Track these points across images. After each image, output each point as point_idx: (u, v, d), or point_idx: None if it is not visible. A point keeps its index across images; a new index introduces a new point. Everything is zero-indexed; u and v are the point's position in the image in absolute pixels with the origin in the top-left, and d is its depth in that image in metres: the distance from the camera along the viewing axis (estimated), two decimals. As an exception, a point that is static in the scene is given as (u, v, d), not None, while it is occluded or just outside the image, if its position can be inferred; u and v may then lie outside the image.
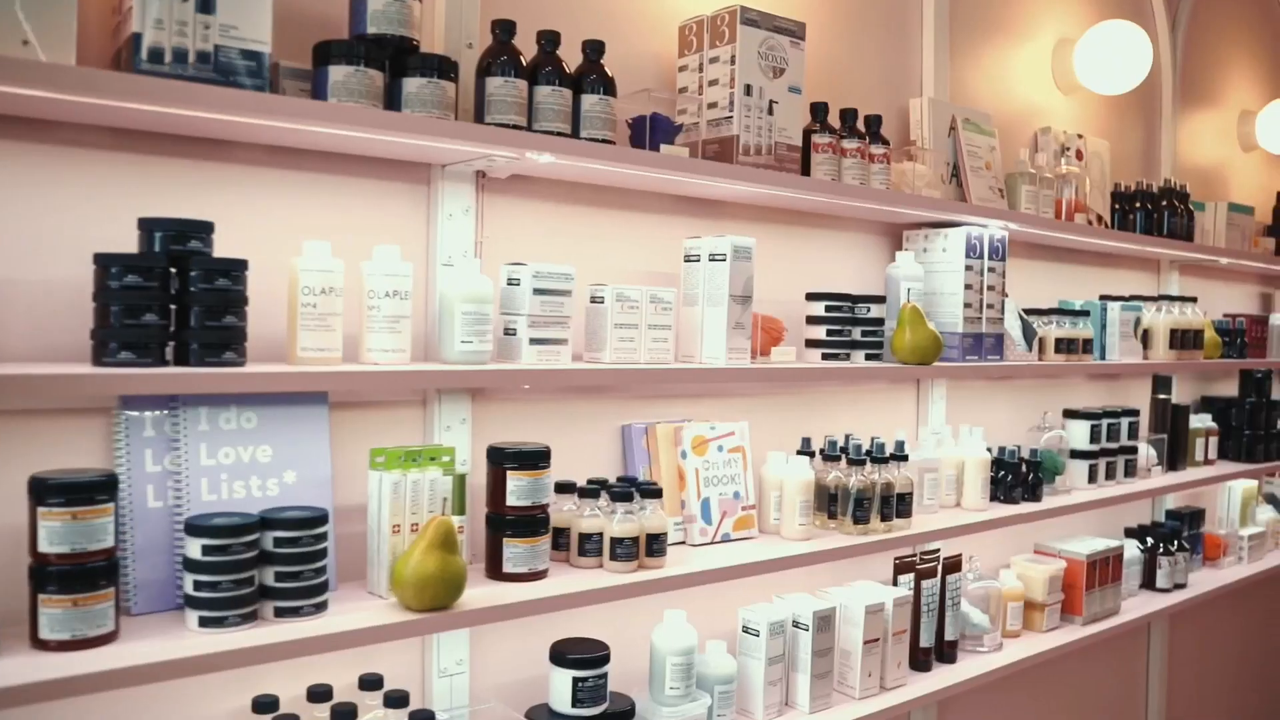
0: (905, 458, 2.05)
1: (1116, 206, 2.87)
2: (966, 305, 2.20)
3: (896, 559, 2.19)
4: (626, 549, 1.63)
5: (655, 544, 1.67)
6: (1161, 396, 2.97)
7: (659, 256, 1.91)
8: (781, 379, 2.03)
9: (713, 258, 1.79)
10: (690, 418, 1.96)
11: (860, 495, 1.96)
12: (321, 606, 1.38)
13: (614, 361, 1.68)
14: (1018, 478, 2.37)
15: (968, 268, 2.20)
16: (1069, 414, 2.63)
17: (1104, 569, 2.59)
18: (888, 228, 2.33)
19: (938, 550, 2.31)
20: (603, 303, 1.69)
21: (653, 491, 1.69)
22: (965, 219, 2.22)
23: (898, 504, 2.03)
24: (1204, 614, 3.49)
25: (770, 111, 1.81)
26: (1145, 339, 2.82)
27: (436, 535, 1.41)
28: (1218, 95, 3.58)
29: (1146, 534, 2.94)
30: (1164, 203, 2.83)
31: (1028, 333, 2.43)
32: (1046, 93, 2.83)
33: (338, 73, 1.38)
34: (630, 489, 1.67)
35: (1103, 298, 2.87)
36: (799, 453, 2.05)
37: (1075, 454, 2.61)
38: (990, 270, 2.25)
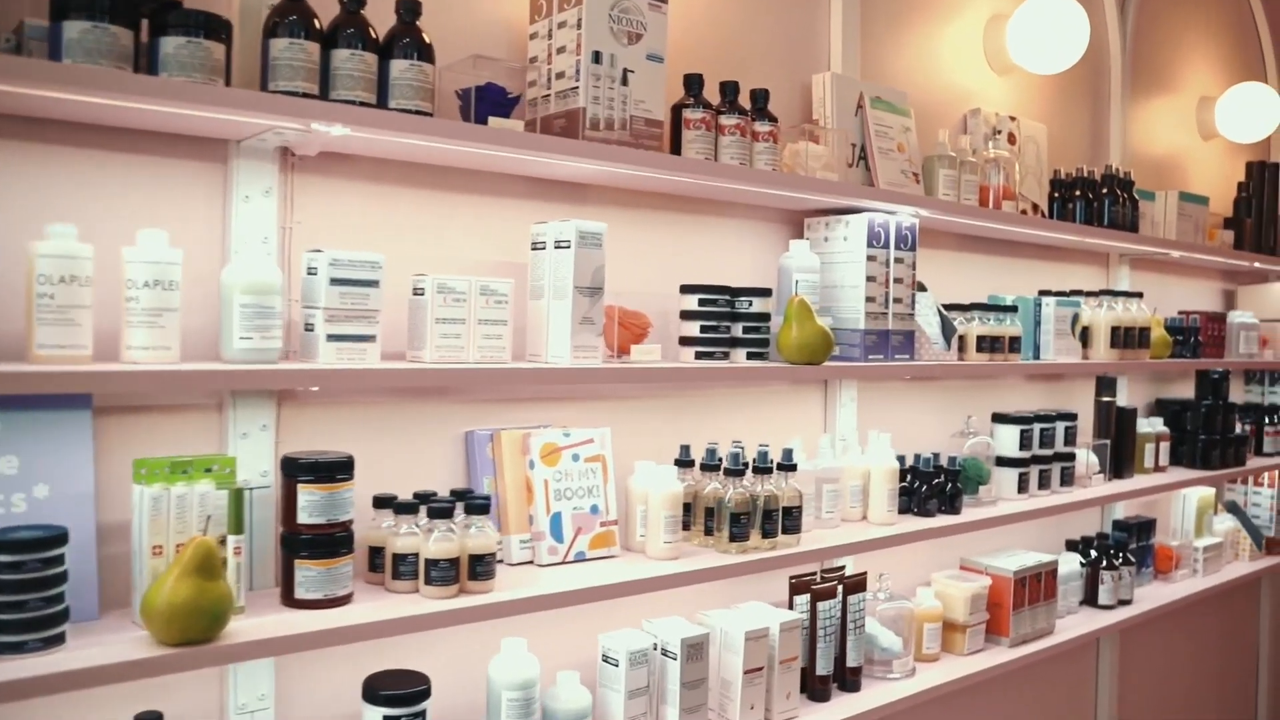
0: (793, 467, 1.87)
1: (1056, 195, 2.70)
2: (869, 299, 2.02)
3: (792, 578, 2.01)
4: (443, 571, 1.46)
5: (480, 565, 1.49)
6: (1105, 399, 2.79)
7: (516, 246, 1.74)
8: (644, 380, 1.84)
9: (558, 245, 1.62)
10: (548, 423, 1.78)
11: (738, 510, 1.78)
12: (55, 641, 1.21)
13: (437, 361, 1.50)
14: (933, 488, 2.19)
15: (870, 258, 2.02)
16: (998, 418, 2.45)
17: (1035, 586, 2.41)
18: (788, 215, 2.16)
19: (842, 568, 2.14)
20: (423, 295, 1.51)
21: (479, 506, 1.51)
22: (869, 204, 2.04)
23: (784, 519, 1.85)
24: (1158, 630, 3.31)
25: (624, 81, 1.64)
26: (1085, 337, 2.64)
27: (193, 559, 1.23)
28: (1174, 80, 3.40)
29: (1090, 546, 2.76)
30: (1105, 191, 2.65)
31: (947, 330, 2.26)
32: (979, 73, 2.66)
33: (73, 29, 1.21)
34: (450, 504, 1.49)
35: (1042, 293, 2.69)
36: (677, 462, 1.87)
37: (1003, 462, 2.43)
38: (898, 261, 2.07)
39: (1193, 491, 3.15)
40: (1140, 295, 2.77)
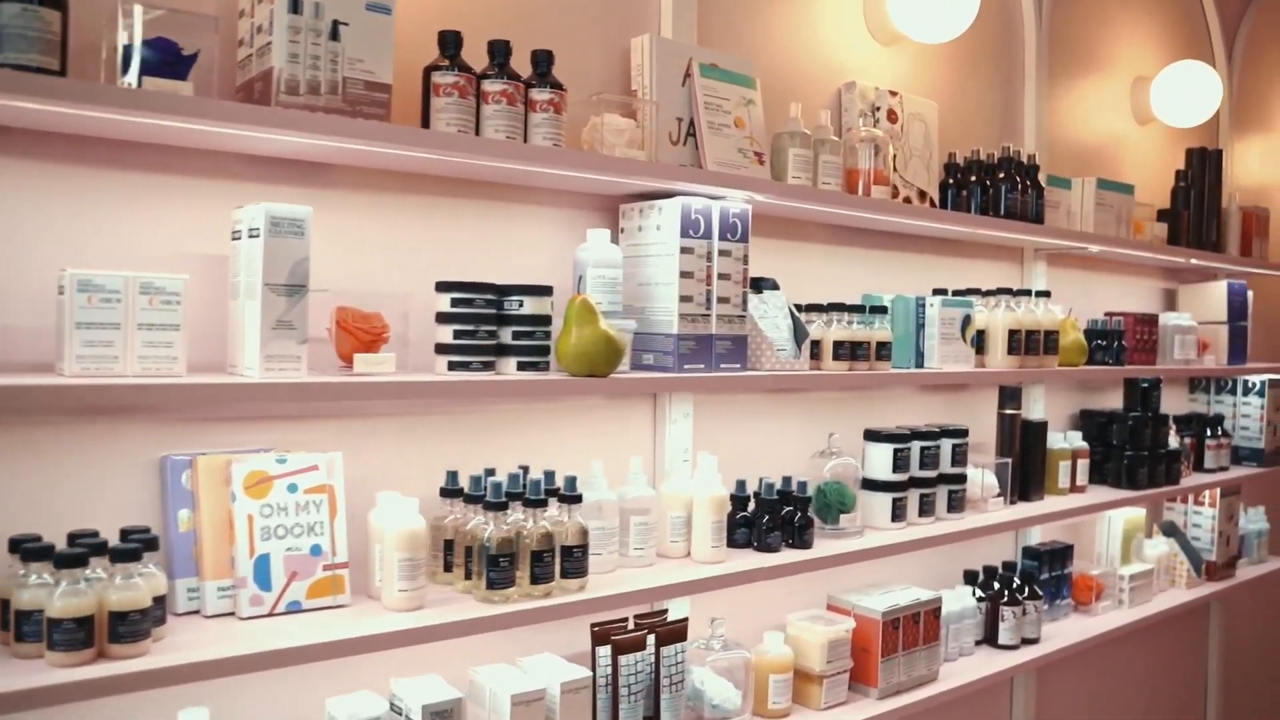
0: (576, 498, 1.61)
1: (950, 181, 2.44)
2: (685, 298, 1.76)
3: (594, 627, 1.75)
4: (68, 634, 1.19)
5: (124, 624, 1.22)
6: (1008, 411, 2.53)
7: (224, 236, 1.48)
8: (368, 396, 1.51)
9: (251, 234, 1.36)
10: (272, 446, 1.52)
11: (498, 551, 1.51)
12: None
13: (78, 375, 1.24)
14: (777, 519, 1.93)
15: (686, 250, 1.76)
16: (869, 436, 2.19)
17: (910, 627, 2.15)
18: (601, 201, 1.90)
19: (664, 613, 1.87)
20: (63, 294, 1.25)
21: (126, 553, 1.25)
22: (689, 188, 1.78)
23: (563, 559, 1.58)
24: (1085, 667, 3.04)
25: (335, 36, 1.38)
26: (980, 342, 2.38)
27: None
28: (1104, 57, 3.14)
29: (992, 578, 2.50)
30: (1001, 176, 2.39)
31: (799, 334, 2.00)
32: (860, 43, 2.39)
33: None
34: (83, 551, 1.23)
35: (936, 291, 2.43)
36: (443, 492, 1.61)
37: (874, 485, 2.17)
38: (724, 254, 1.81)
39: (1118, 513, 2.88)
40: (1048, 294, 2.51)
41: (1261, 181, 3.94)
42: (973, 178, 2.41)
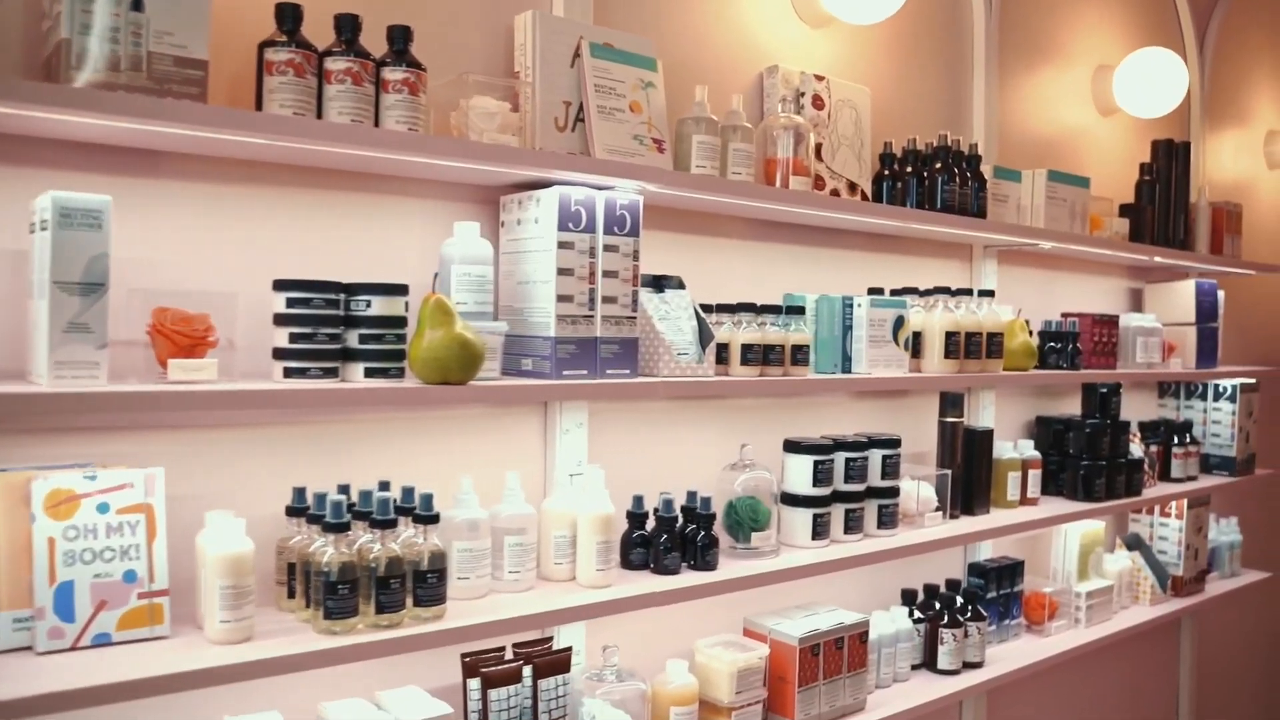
0: (433, 518, 1.48)
1: (887, 173, 2.31)
2: (564, 298, 1.63)
3: (465, 657, 1.62)
4: None
5: (-128, 671, 1.10)
6: (950, 419, 2.39)
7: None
8: (175, 407, 1.32)
9: (42, 226, 1.23)
10: (90, 460, 1.39)
11: (340, 577, 1.38)
12: None
13: None
14: (675, 538, 1.80)
15: (564, 245, 1.63)
16: (789, 446, 2.06)
17: (833, 654, 2.02)
18: (481, 193, 1.77)
19: (548, 640, 1.74)
20: None
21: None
22: (569, 176, 1.65)
23: (417, 585, 1.46)
24: (1041, 690, 2.91)
25: (137, 6, 1.25)
26: (916, 344, 2.25)
27: None
28: (1063, 45, 3.01)
29: (933, 598, 2.37)
30: (938, 166, 2.26)
31: (705, 337, 1.87)
32: (786, 24, 2.26)
33: None
34: None
35: (871, 291, 2.30)
36: (289, 511, 1.49)
37: (793, 500, 2.04)
38: (610, 249, 1.68)
39: (1075, 527, 2.75)
40: (991, 294, 2.38)
41: (1236, 177, 3.82)
42: (909, 169, 2.28)
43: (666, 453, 2.03)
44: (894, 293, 2.32)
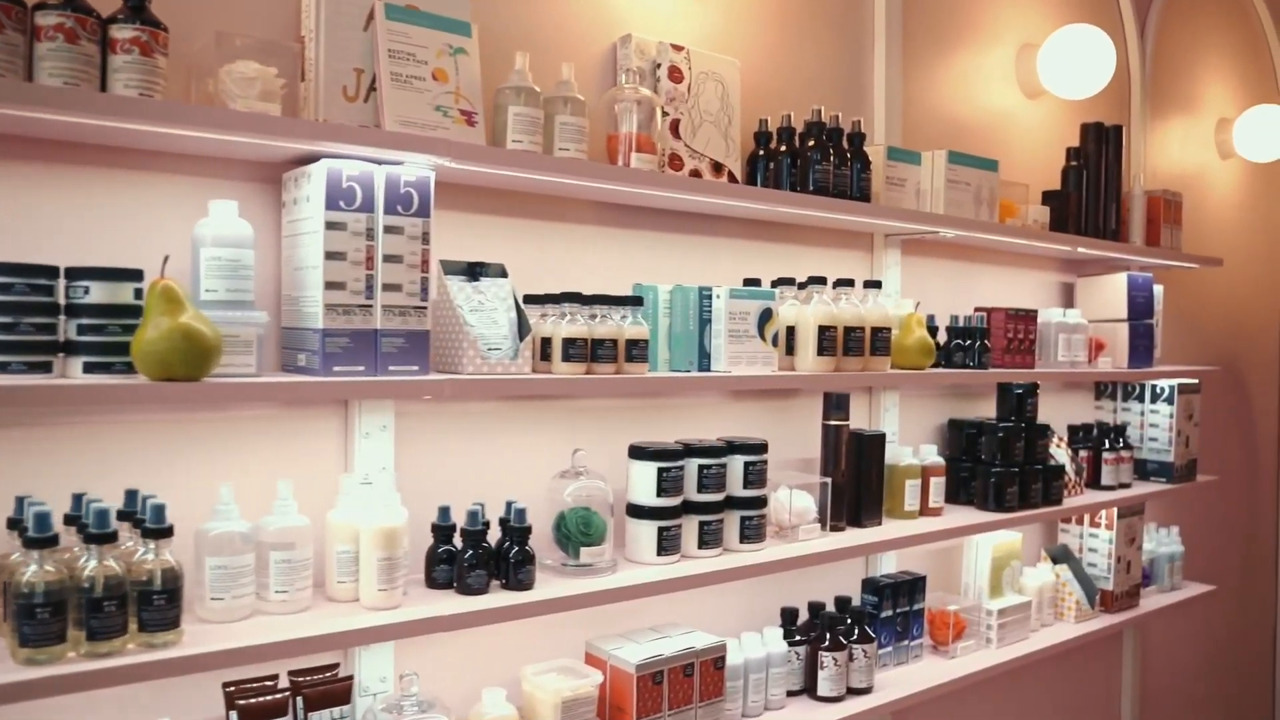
0: (164, 532, 1.32)
1: (762, 152, 2.15)
2: (334, 285, 1.47)
3: (228, 686, 1.46)
4: None
5: None
6: (834, 422, 2.23)
7: None
8: None
9: None
10: None
11: (44, 599, 1.22)
12: None
13: None
14: (481, 554, 1.64)
15: (334, 226, 1.47)
16: (634, 452, 1.90)
17: (680, 682, 1.85)
18: (262, 170, 1.60)
19: (333, 668, 1.58)
20: None
21: None
22: (351, 150, 1.49)
23: (142, 607, 1.30)
24: (956, 713, 2.74)
25: None
26: (789, 340, 2.09)
27: None
28: (984, 21, 2.85)
29: (816, 618, 2.20)
30: (812, 144, 2.10)
31: (524, 331, 1.71)
32: (650, -6, 2.11)
33: None
34: None
35: (747, 282, 2.15)
36: (9, 524, 1.33)
37: (637, 512, 1.88)
38: (393, 231, 1.52)
39: (986, 539, 2.59)
40: (878, 285, 2.22)
41: (1185, 167, 3.65)
42: (782, 148, 2.13)
43: (497, 460, 1.87)
44: (775, 283, 2.17)
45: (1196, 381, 3.14)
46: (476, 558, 1.63)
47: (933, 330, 2.45)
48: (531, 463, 1.90)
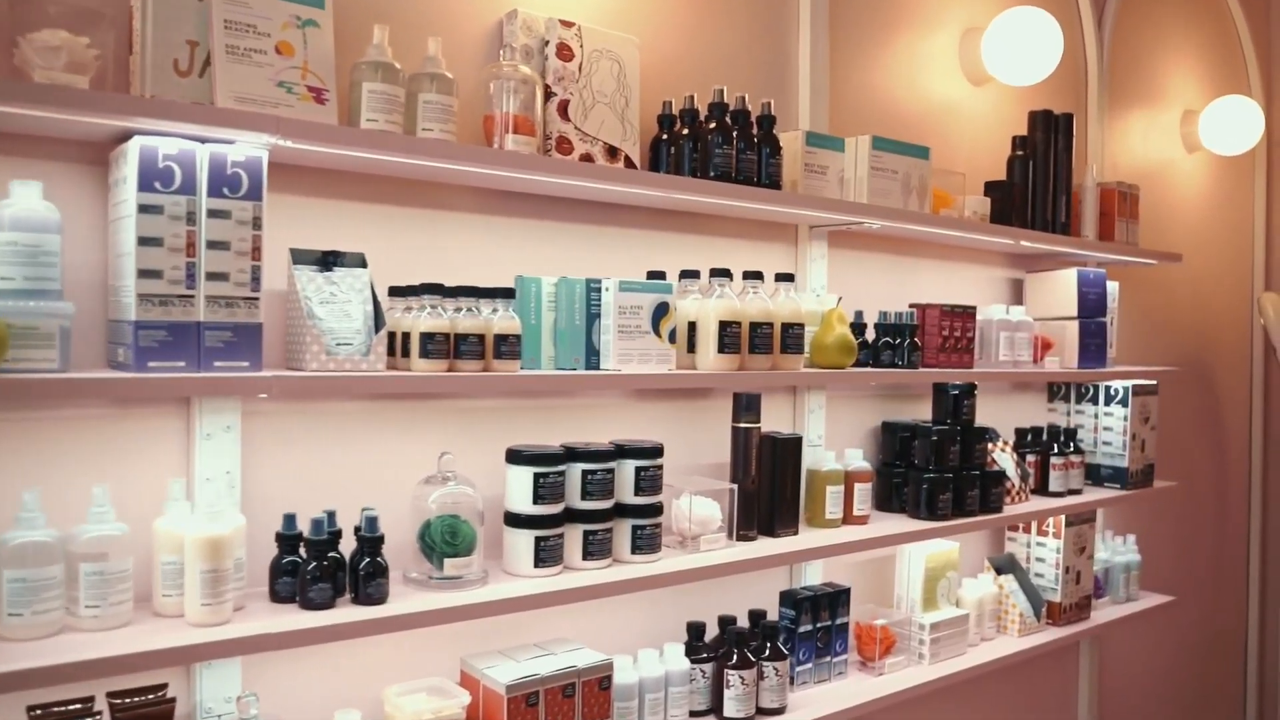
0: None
1: (665, 136, 2.05)
2: (149, 273, 1.37)
3: (33, 710, 1.36)
4: None
5: None
6: (744, 424, 2.13)
7: None
8: None
9: None
10: None
11: None
12: None
13: None
14: (326, 565, 1.54)
15: (148, 209, 1.37)
16: (512, 456, 1.79)
17: (559, 704, 1.75)
18: (84, 151, 1.50)
19: (162, 688, 1.48)
20: None
21: None
22: (172, 128, 1.39)
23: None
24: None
25: None
26: (691, 336, 1.99)
27: None
28: (922, 7, 2.74)
29: (728, 632, 2.10)
30: (713, 127, 2.00)
31: (379, 324, 1.61)
32: (545, -31, 2.01)
33: None
34: None
35: (652, 275, 2.05)
36: None
37: (514, 520, 1.77)
38: (217, 215, 1.42)
39: (918, 549, 2.48)
40: (790, 278, 2.12)
41: (1148, 160, 3.55)
42: (685, 131, 2.03)
43: (362, 465, 1.76)
44: (681, 276, 2.07)
45: (1154, 383, 3.03)
46: (320, 570, 1.53)
47: (860, 327, 2.36)
48: (402, 468, 1.79)
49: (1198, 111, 3.67)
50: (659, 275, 2.05)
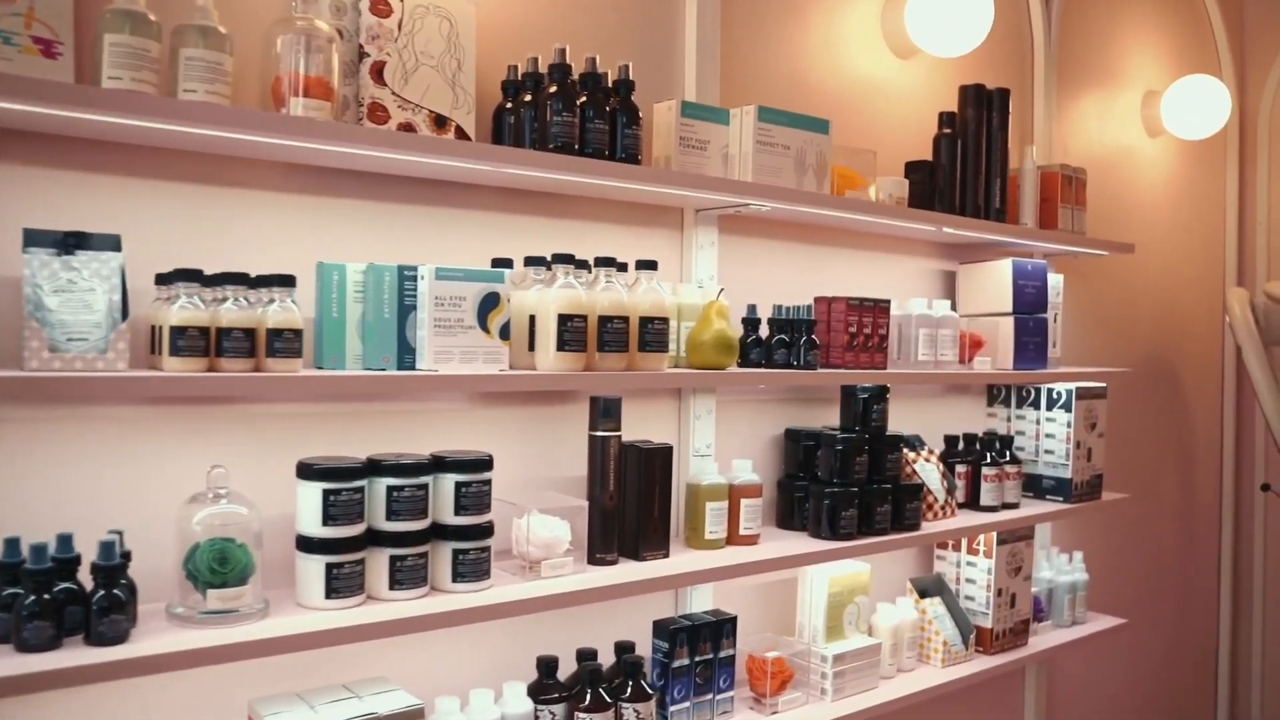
0: None
1: (509, 105, 1.85)
2: None
3: None
4: None
5: None
6: (601, 433, 1.91)
7: None
8: None
9: None
10: None
11: None
12: None
13: None
14: (47, 603, 1.33)
15: None
16: (302, 471, 1.58)
17: (355, 755, 1.53)
18: None
19: None
20: None
21: None
22: None
23: None
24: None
25: None
26: (530, 332, 1.78)
27: None
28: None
29: (582, 668, 1.88)
30: (553, 91, 1.79)
31: (124, 314, 1.40)
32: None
33: None
34: None
35: (497, 263, 1.85)
36: None
37: (306, 544, 1.56)
38: (-104, 186, 1.22)
39: (820, 572, 2.26)
40: (653, 265, 1.90)
41: (1106, 144, 3.33)
42: (526, 98, 1.82)
43: (131, 481, 1.55)
44: (526, 263, 1.86)
45: (1102, 385, 2.81)
46: (40, 604, 1.32)
47: (754, 323, 2.15)
48: (176, 483, 1.58)
49: (1160, 92, 3.45)
50: (505, 263, 1.84)
